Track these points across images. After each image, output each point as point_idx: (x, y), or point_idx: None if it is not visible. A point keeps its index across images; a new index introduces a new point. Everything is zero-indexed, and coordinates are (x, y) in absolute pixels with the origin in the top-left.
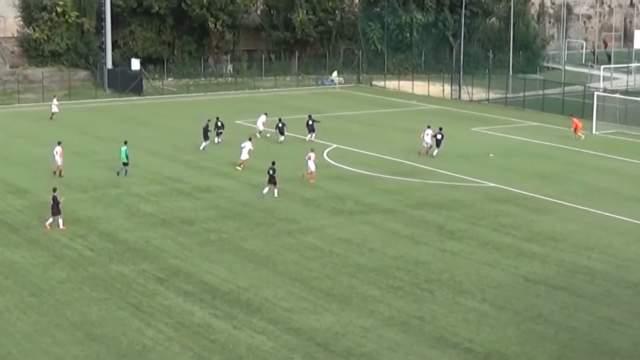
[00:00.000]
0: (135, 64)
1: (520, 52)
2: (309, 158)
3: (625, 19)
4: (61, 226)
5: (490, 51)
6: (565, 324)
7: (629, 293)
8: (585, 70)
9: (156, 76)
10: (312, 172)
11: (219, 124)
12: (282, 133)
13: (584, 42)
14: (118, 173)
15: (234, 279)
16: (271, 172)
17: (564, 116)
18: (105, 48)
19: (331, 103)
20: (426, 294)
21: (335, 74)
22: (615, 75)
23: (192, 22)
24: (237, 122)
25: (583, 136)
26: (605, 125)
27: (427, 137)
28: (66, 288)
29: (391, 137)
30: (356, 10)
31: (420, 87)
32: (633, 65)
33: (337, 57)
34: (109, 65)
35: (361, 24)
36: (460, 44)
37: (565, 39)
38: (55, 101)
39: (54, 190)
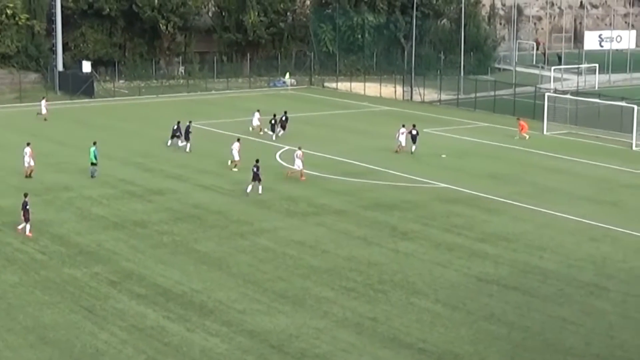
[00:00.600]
0: (87, 67)
1: (472, 53)
2: (297, 156)
3: (575, 20)
4: (27, 232)
5: (442, 52)
6: (518, 323)
7: (581, 292)
8: (536, 72)
9: (107, 78)
10: (300, 170)
11: (184, 126)
12: (283, 128)
13: (535, 43)
14: (92, 175)
15: (187, 282)
16: (255, 169)
17: (515, 117)
18: (56, 50)
19: (283, 104)
20: (379, 295)
21: (287, 75)
22: (565, 76)
23: (143, 24)
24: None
25: (527, 137)
26: (556, 125)
27: (402, 137)
28: (18, 292)
29: (343, 138)
30: (307, 11)
31: (372, 88)
32: (583, 66)
33: (289, 58)
34: (60, 67)
35: (313, 25)
36: (411, 46)
37: (516, 40)
38: (44, 102)
39: (25, 195)
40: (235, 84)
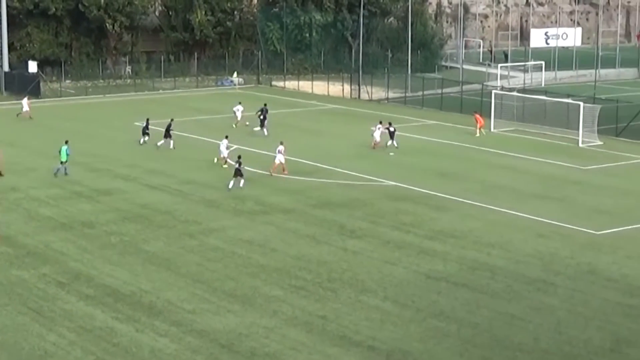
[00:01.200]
0: (33, 67)
1: (419, 51)
2: (279, 151)
3: (521, 18)
4: None
5: (389, 51)
6: (467, 320)
7: (529, 289)
8: (483, 69)
9: (54, 78)
10: (282, 164)
11: (148, 124)
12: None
13: (481, 41)
14: (57, 170)
15: (135, 282)
16: (237, 165)
17: (463, 114)
18: (1, 50)
19: (231, 104)
20: (329, 293)
21: (234, 74)
22: (512, 73)
23: (89, 24)
24: (136, 124)
25: (485, 133)
26: (503, 123)
27: (377, 132)
28: None
29: (291, 137)
30: (255, 10)
31: (319, 87)
32: (529, 63)
33: (236, 57)
34: (6, 68)
35: (260, 24)
36: (359, 44)
37: (463, 38)
38: (25, 100)
39: None
40: (183, 83)
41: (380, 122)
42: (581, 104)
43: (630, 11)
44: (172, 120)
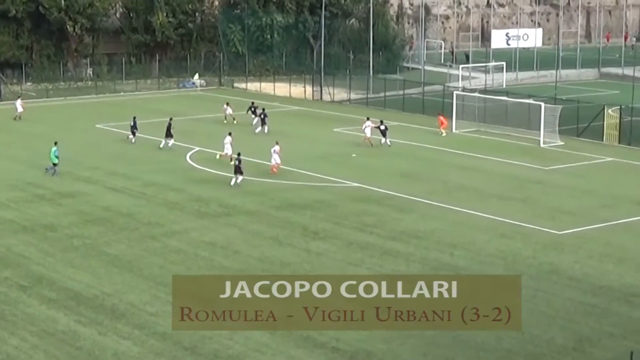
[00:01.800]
0: None
1: (380, 52)
2: (274, 151)
3: (482, 19)
4: None
5: (351, 52)
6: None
7: None
8: (445, 70)
9: (14, 81)
10: (277, 164)
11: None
12: (259, 119)
13: (443, 42)
14: (46, 170)
15: (98, 285)
16: (237, 162)
17: (425, 115)
18: None
19: (193, 105)
20: None
21: (196, 76)
22: (473, 74)
23: (50, 26)
24: (98, 126)
25: (444, 134)
26: (465, 124)
27: (367, 130)
28: None
29: (254, 139)
30: (216, 12)
31: (281, 88)
32: (491, 64)
33: (198, 59)
34: None
35: (221, 26)
36: (320, 45)
37: (424, 39)
38: (19, 101)
39: None
40: (144, 85)
41: (368, 119)
42: (542, 104)
43: (591, 12)
44: (171, 119)
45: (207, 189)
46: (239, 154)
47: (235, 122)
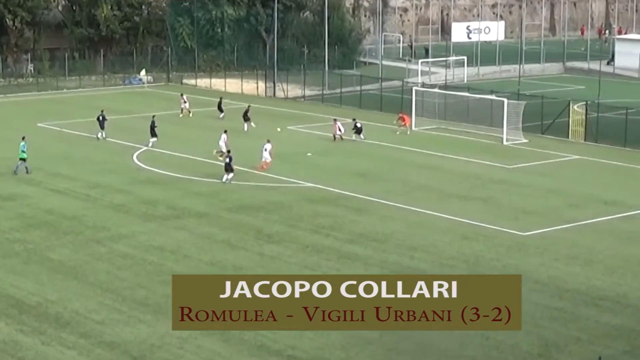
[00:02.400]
0: None
1: (336, 47)
2: (265, 149)
3: (442, 12)
4: None
5: (305, 46)
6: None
7: None
8: (403, 65)
9: None
10: (268, 162)
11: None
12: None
13: (401, 35)
14: (16, 169)
15: (41, 292)
16: (228, 160)
17: (383, 112)
18: None
19: (140, 103)
20: None
21: (143, 72)
22: (433, 69)
23: None
24: (40, 125)
25: (401, 131)
26: (425, 120)
27: (337, 126)
28: None
29: (204, 137)
30: (164, 5)
31: (233, 84)
32: (451, 59)
33: (144, 54)
34: None
35: (169, 19)
36: (273, 39)
37: (382, 32)
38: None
39: None
40: (89, 82)
41: (335, 120)
42: (505, 100)
43: (555, 4)
44: (154, 116)
45: (155, 191)
46: (229, 151)
47: (190, 115)
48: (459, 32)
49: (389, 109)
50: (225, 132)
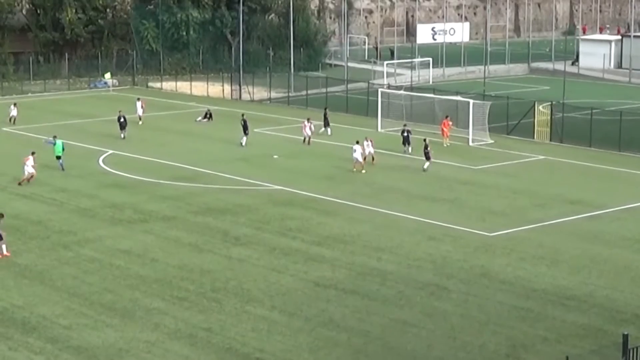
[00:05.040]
0: None
1: (302, 49)
2: (355, 150)
3: (407, 13)
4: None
5: (271, 49)
6: (358, 328)
7: (421, 294)
8: (369, 67)
9: None
10: (361, 161)
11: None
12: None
13: (366, 37)
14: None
15: (7, 297)
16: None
17: (348, 114)
18: None
19: (105, 106)
20: (213, 304)
21: (108, 75)
22: (399, 71)
23: None
24: (4, 129)
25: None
26: (391, 122)
27: (307, 129)
28: None
29: (170, 140)
30: (129, 8)
31: (198, 87)
32: (417, 60)
33: (110, 58)
34: None
35: (134, 22)
36: (239, 42)
37: (347, 34)
38: (12, 108)
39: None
40: (54, 85)
41: (308, 119)
42: (470, 101)
43: (520, 5)
44: (243, 115)
45: (121, 194)
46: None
47: (140, 123)
48: (424, 34)
49: (355, 110)
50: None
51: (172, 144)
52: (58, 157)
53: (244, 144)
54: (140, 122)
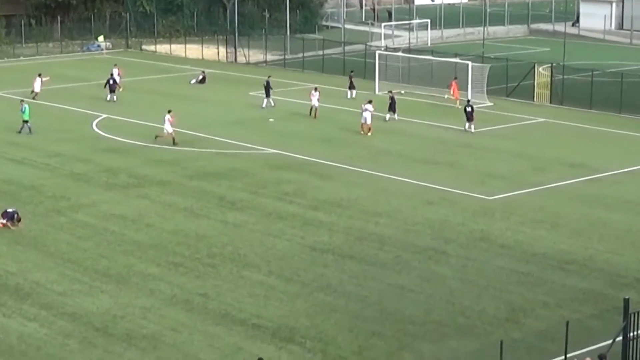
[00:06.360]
0: None
1: (298, 11)
2: (366, 109)
3: None
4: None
5: (266, 10)
6: (355, 293)
7: (419, 258)
8: (366, 29)
9: None
10: (369, 124)
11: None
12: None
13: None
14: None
15: (0, 263)
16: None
17: (345, 77)
18: None
19: (99, 69)
20: (209, 270)
21: (101, 38)
22: (396, 32)
23: None
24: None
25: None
26: (388, 85)
27: (314, 99)
28: None
29: (165, 104)
30: None
31: (193, 50)
32: (414, 22)
33: (102, 20)
34: None
35: None
36: (234, 4)
37: None
38: (38, 79)
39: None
40: (46, 49)
41: (316, 89)
42: (469, 63)
43: None
44: (269, 77)
45: (116, 159)
46: (468, 101)
47: (120, 89)
48: None
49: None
50: (170, 112)
51: (166, 108)
52: (25, 121)
53: (264, 105)
54: (120, 89)
